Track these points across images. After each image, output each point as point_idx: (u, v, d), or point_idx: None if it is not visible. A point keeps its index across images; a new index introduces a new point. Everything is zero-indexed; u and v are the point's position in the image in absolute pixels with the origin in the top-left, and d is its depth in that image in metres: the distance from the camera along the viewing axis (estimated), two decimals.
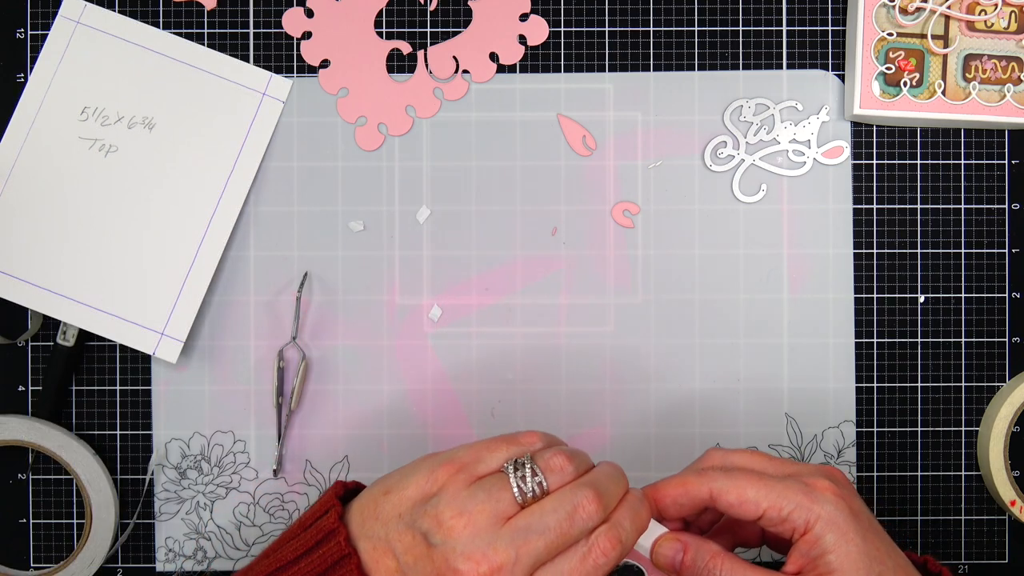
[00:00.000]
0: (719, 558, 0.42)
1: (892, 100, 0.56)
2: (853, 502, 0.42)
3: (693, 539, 0.43)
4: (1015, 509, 0.56)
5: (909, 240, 0.57)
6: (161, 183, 0.56)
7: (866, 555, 0.40)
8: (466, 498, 0.40)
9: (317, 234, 0.57)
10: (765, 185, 0.57)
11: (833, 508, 0.40)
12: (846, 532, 0.40)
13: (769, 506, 0.41)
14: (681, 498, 0.43)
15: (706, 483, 0.42)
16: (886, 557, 0.41)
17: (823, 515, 0.40)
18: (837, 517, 0.40)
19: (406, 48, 0.57)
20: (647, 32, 0.58)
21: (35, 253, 0.56)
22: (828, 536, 0.40)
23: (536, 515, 0.40)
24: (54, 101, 0.56)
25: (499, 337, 0.57)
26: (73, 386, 0.57)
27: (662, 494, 0.43)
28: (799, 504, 0.41)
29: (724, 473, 0.42)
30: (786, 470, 0.43)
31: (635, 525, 0.42)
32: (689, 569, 0.43)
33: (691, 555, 0.43)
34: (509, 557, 0.39)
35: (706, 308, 0.57)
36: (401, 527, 0.41)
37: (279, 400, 0.56)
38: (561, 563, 0.40)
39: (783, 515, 0.41)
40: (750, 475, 0.42)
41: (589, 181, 0.57)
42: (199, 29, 0.57)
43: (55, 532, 0.57)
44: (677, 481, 0.43)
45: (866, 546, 0.40)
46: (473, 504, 0.40)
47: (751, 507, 0.41)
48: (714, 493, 0.42)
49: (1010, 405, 0.56)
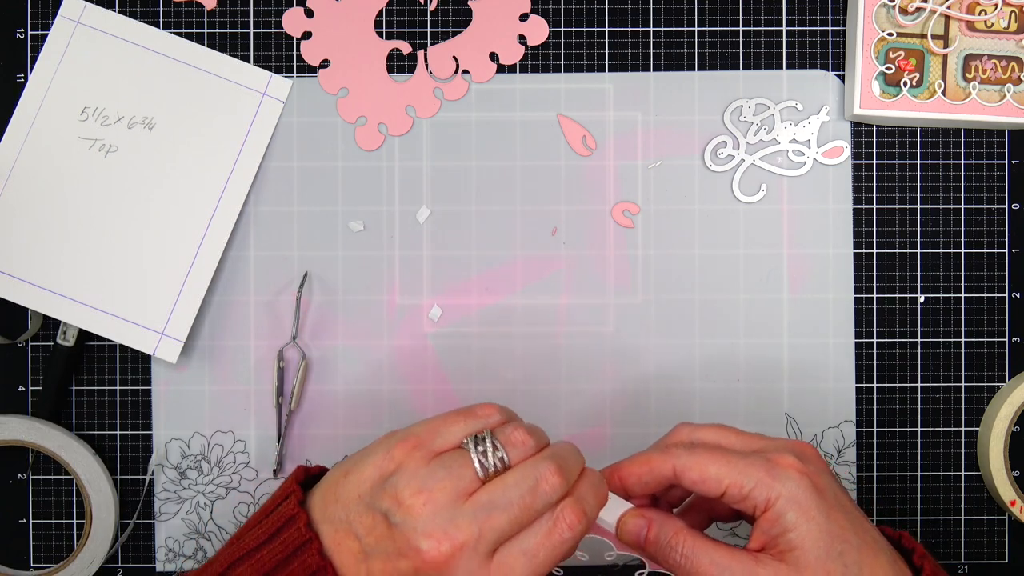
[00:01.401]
0: (682, 535, 0.42)
1: (892, 100, 0.56)
2: (819, 479, 0.41)
3: (658, 515, 0.43)
4: (1015, 509, 0.56)
5: (909, 240, 0.57)
6: (161, 183, 0.56)
7: (828, 533, 0.39)
8: (425, 476, 0.40)
9: (317, 234, 0.57)
10: (765, 185, 0.57)
11: (795, 485, 0.40)
12: (807, 510, 0.40)
13: (730, 483, 0.41)
14: (645, 476, 0.43)
15: (669, 460, 0.42)
16: (850, 535, 0.40)
17: (784, 493, 0.40)
18: (798, 495, 0.40)
19: (406, 48, 0.57)
20: (647, 32, 0.58)
21: (35, 253, 0.56)
22: (789, 514, 0.40)
23: (499, 490, 0.40)
24: (54, 101, 0.56)
25: (499, 337, 0.57)
26: (73, 386, 0.57)
27: (627, 472, 0.43)
28: (760, 481, 0.40)
29: (687, 450, 0.42)
30: (753, 445, 0.43)
31: (597, 499, 0.42)
32: (653, 545, 0.42)
33: (655, 531, 0.42)
34: (472, 534, 0.39)
35: (706, 308, 0.57)
36: (361, 508, 0.40)
37: (279, 400, 0.56)
38: (526, 538, 0.40)
39: (744, 493, 0.40)
40: (713, 452, 0.42)
41: (589, 181, 0.57)
42: (199, 29, 0.57)
43: (55, 532, 0.57)
44: (641, 459, 0.43)
45: (828, 524, 0.40)
46: (433, 481, 0.39)
47: (713, 484, 0.41)
48: (677, 470, 0.42)
49: (1010, 405, 0.56)
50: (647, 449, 0.44)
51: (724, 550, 0.41)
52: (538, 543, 0.40)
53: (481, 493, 0.40)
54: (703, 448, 0.42)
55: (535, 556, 0.40)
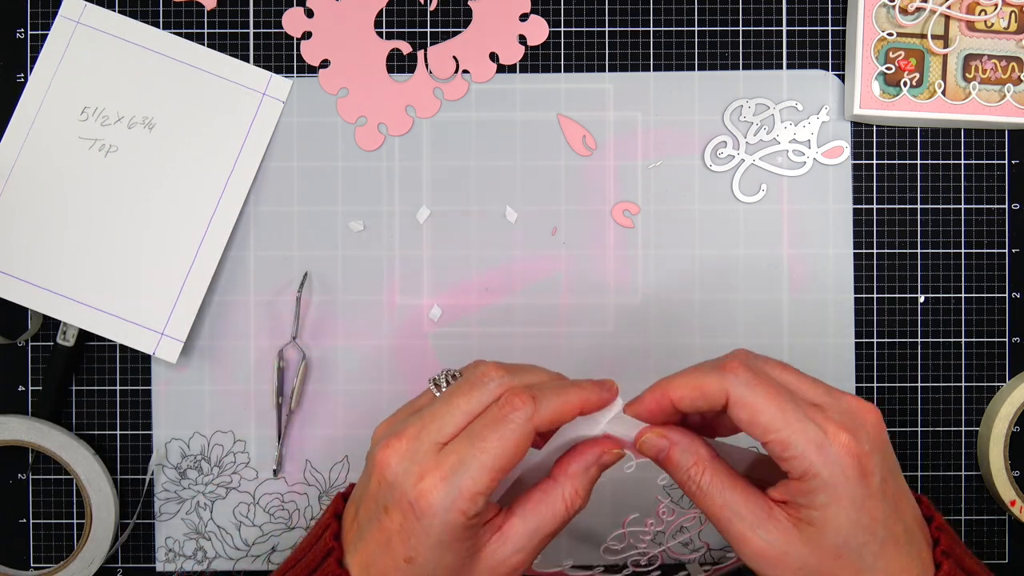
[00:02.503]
0: (701, 465, 0.40)
1: (892, 100, 0.56)
2: (869, 461, 0.38)
3: (682, 437, 0.40)
4: (1015, 509, 0.56)
5: (909, 240, 0.58)
6: (161, 183, 0.56)
7: (854, 524, 0.37)
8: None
9: (317, 234, 0.57)
10: (765, 185, 0.57)
11: (839, 471, 0.37)
12: (841, 498, 0.37)
13: (776, 439, 0.37)
14: (697, 400, 0.39)
15: (724, 388, 0.38)
16: (879, 528, 0.38)
17: (824, 474, 0.37)
18: (839, 481, 0.37)
19: (406, 48, 0.57)
20: (647, 32, 0.58)
21: (35, 253, 0.56)
22: (820, 496, 0.37)
23: (443, 393, 0.40)
24: (54, 101, 0.56)
25: (499, 337, 0.57)
26: (73, 386, 0.57)
27: (676, 392, 0.40)
28: (805, 453, 0.37)
29: (747, 382, 0.38)
30: (816, 398, 0.39)
31: (557, 395, 0.40)
32: (671, 467, 0.40)
33: (676, 455, 0.40)
34: (414, 429, 0.39)
35: (706, 308, 0.57)
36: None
37: (279, 400, 0.56)
38: (473, 425, 0.39)
39: (785, 454, 0.37)
40: (772, 394, 0.38)
41: (589, 181, 0.57)
42: (199, 29, 0.57)
43: (55, 532, 0.57)
44: (694, 381, 0.39)
45: (858, 515, 0.37)
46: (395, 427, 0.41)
47: (758, 431, 0.38)
48: (730, 401, 0.38)
49: (1010, 405, 0.56)
50: (701, 367, 0.40)
51: (741, 492, 0.39)
52: (484, 424, 0.38)
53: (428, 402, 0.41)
54: (764, 384, 0.38)
55: (480, 438, 0.38)
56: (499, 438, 0.38)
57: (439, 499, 0.38)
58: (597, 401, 0.41)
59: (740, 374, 0.38)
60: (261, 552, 0.57)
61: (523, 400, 0.39)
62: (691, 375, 0.39)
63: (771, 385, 0.38)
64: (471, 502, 0.38)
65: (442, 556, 0.38)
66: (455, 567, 0.39)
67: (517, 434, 0.38)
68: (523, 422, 0.38)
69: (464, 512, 0.38)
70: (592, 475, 0.41)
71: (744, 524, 0.39)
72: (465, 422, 0.39)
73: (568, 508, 0.40)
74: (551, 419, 0.39)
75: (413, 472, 0.38)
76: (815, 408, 0.38)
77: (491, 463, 0.38)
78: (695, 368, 0.40)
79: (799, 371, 0.40)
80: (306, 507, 0.57)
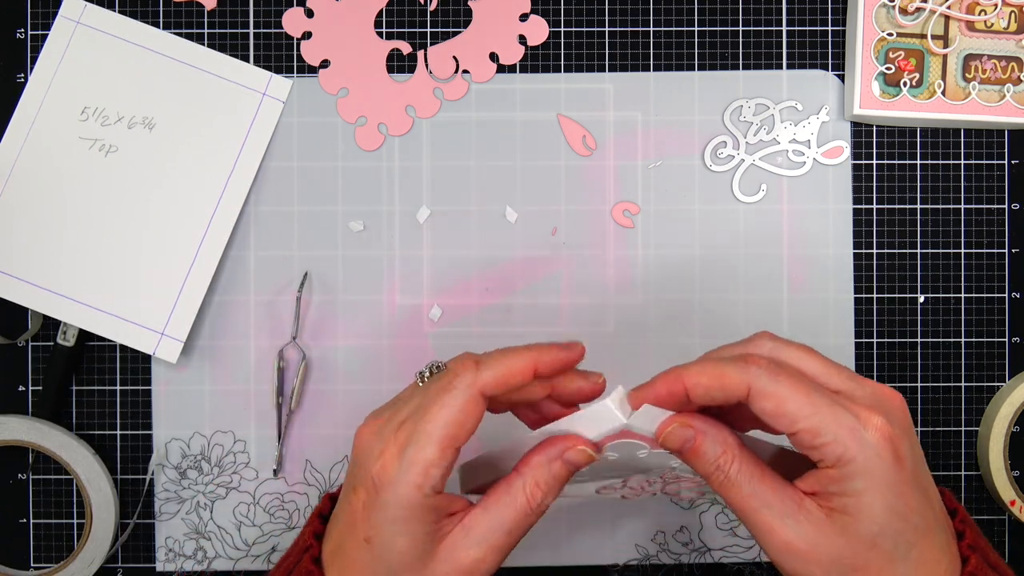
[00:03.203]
0: (730, 454, 0.38)
1: (892, 100, 0.56)
2: (902, 445, 0.36)
3: (708, 426, 0.38)
4: (1015, 509, 0.56)
5: (909, 240, 0.58)
6: (161, 183, 0.56)
7: (891, 510, 0.36)
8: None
9: (317, 234, 0.57)
10: (765, 185, 0.57)
11: (875, 453, 0.35)
12: (879, 484, 0.35)
13: (805, 428, 0.36)
14: (715, 391, 0.37)
15: (746, 380, 0.37)
16: (915, 516, 0.36)
17: (860, 458, 0.35)
18: (875, 465, 0.35)
19: (406, 48, 0.57)
20: (647, 32, 0.58)
21: (35, 253, 0.56)
22: (856, 482, 0.35)
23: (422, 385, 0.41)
24: (54, 101, 0.56)
25: (499, 337, 0.57)
26: (73, 386, 0.57)
27: (693, 381, 0.38)
28: (838, 438, 0.35)
29: (769, 373, 0.37)
30: (838, 383, 0.38)
31: (505, 357, 0.39)
32: (698, 458, 0.38)
33: (703, 444, 0.38)
34: (388, 414, 0.40)
35: (706, 308, 0.57)
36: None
37: (279, 400, 0.56)
38: (421, 398, 0.39)
39: (816, 443, 0.36)
40: (796, 383, 0.36)
41: (589, 181, 0.57)
42: (199, 29, 0.57)
43: (55, 532, 0.57)
44: (713, 371, 0.37)
45: (896, 501, 0.36)
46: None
47: (785, 422, 0.36)
48: (753, 393, 0.37)
49: (1010, 405, 0.56)
50: (720, 353, 0.39)
51: (770, 482, 0.37)
52: (428, 398, 0.38)
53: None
54: (787, 375, 0.37)
55: (424, 409, 0.38)
56: (441, 406, 0.38)
57: (394, 472, 0.38)
58: (551, 361, 0.40)
59: (763, 366, 0.37)
60: (261, 552, 0.57)
61: (464, 366, 0.38)
62: (711, 364, 0.38)
63: (794, 374, 0.37)
64: (423, 475, 0.37)
65: (397, 537, 0.38)
66: (412, 552, 0.38)
67: (459, 399, 0.38)
68: (464, 387, 0.38)
69: (418, 486, 0.37)
70: (556, 470, 0.39)
71: (772, 513, 0.37)
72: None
73: (529, 501, 0.39)
74: (496, 381, 0.38)
75: (376, 449, 0.39)
76: (840, 395, 0.37)
77: (436, 432, 0.38)
78: (714, 357, 0.39)
79: (822, 356, 0.39)
80: (306, 507, 0.57)
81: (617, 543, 0.57)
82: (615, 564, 0.57)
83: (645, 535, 0.57)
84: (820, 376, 0.38)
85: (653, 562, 0.57)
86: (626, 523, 0.57)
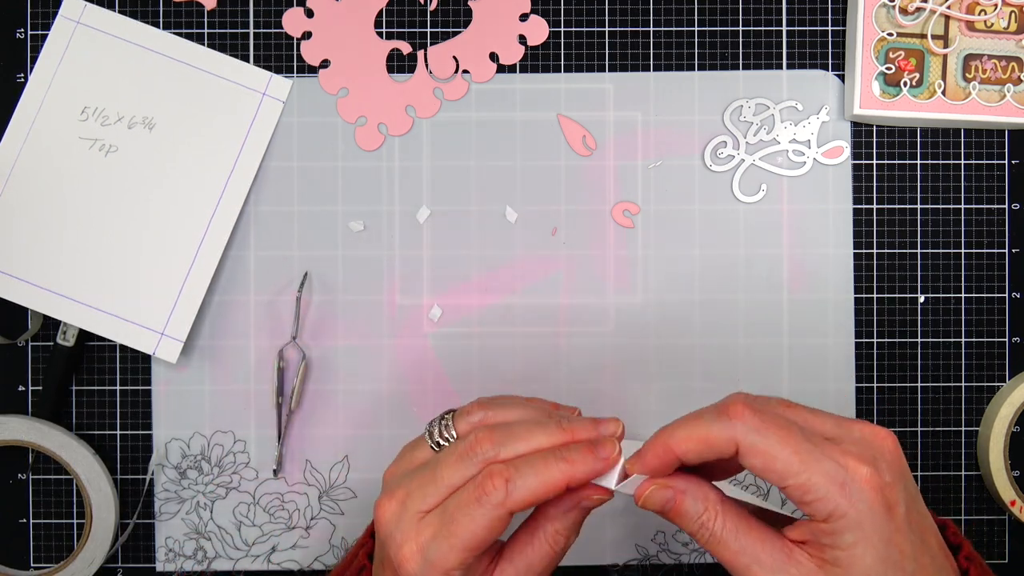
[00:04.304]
0: (712, 511, 0.38)
1: (892, 100, 0.56)
2: (892, 493, 0.36)
3: (687, 483, 0.38)
4: (1015, 509, 0.56)
5: (909, 240, 0.58)
6: (161, 183, 0.56)
7: (883, 561, 0.35)
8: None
9: (317, 234, 0.57)
10: (765, 185, 0.57)
11: (866, 507, 0.35)
12: (869, 536, 0.35)
13: (796, 484, 0.36)
14: (704, 451, 0.37)
15: (733, 438, 0.36)
16: (908, 562, 0.36)
17: (851, 514, 0.35)
18: (865, 518, 0.35)
19: (406, 48, 0.57)
20: (647, 32, 0.58)
21: (35, 253, 0.56)
22: (847, 536, 0.35)
23: (434, 460, 0.41)
24: (54, 101, 0.56)
25: (499, 337, 0.57)
26: (73, 386, 0.57)
27: (679, 444, 0.37)
28: (829, 494, 0.35)
29: (756, 430, 0.36)
30: (827, 430, 0.37)
31: (537, 475, 0.38)
32: (680, 518, 0.38)
33: (684, 504, 0.38)
34: (402, 494, 0.40)
35: (706, 308, 0.57)
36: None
37: (279, 400, 0.56)
38: (449, 501, 0.39)
39: (806, 499, 0.36)
40: (786, 435, 0.36)
41: (589, 181, 0.57)
42: (199, 29, 0.57)
43: (55, 532, 0.57)
44: (698, 432, 0.37)
45: (887, 551, 0.35)
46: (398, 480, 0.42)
47: (775, 477, 0.36)
48: (740, 450, 0.36)
49: (1010, 405, 0.56)
50: (702, 415, 0.38)
51: (757, 535, 0.37)
52: (460, 502, 0.38)
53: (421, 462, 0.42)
54: (775, 427, 0.36)
55: (452, 519, 0.38)
56: (470, 521, 0.38)
57: (415, 568, 0.39)
58: (584, 477, 0.39)
59: (747, 419, 0.36)
60: (261, 552, 0.57)
61: (496, 483, 0.38)
62: (694, 426, 0.37)
63: (781, 426, 0.36)
64: (444, 574, 0.38)
65: None
66: None
67: (487, 518, 0.38)
68: (494, 506, 0.38)
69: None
70: (573, 517, 0.40)
71: (763, 570, 0.36)
72: (447, 494, 0.40)
73: (552, 547, 0.40)
74: (527, 501, 0.38)
75: (396, 537, 0.39)
76: (829, 443, 0.37)
77: (460, 544, 0.38)
78: (696, 417, 0.38)
79: (803, 405, 0.39)
80: (306, 507, 0.57)
81: (617, 543, 0.57)
82: (615, 564, 0.57)
83: (645, 535, 0.57)
84: (808, 423, 0.38)
85: (653, 562, 0.57)
86: (626, 523, 0.57)
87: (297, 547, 0.57)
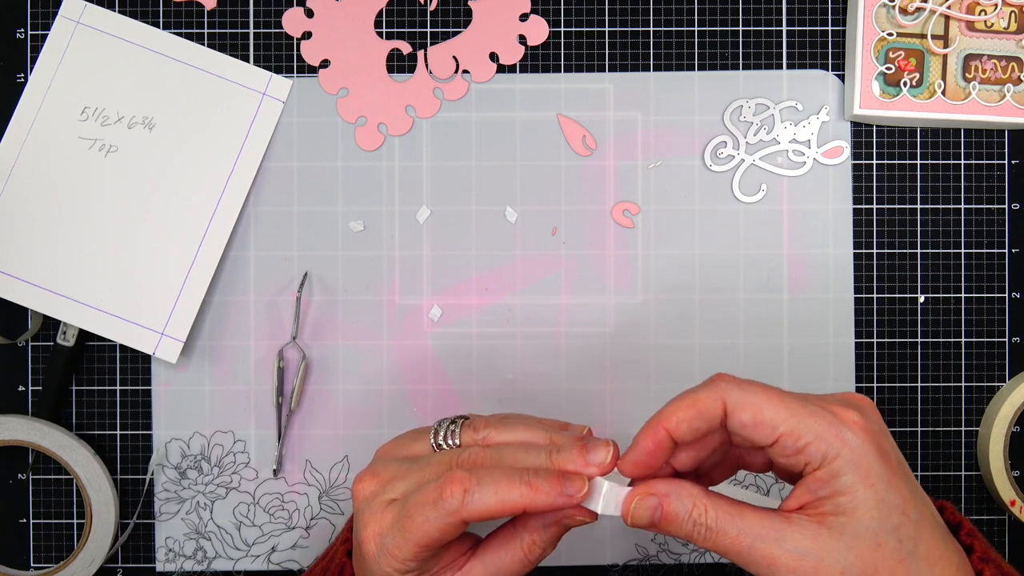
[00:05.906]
0: (701, 505, 0.37)
1: (892, 100, 0.56)
2: (882, 440, 0.36)
3: (669, 486, 0.38)
4: (1015, 509, 0.56)
5: (909, 240, 0.58)
6: (161, 183, 0.56)
7: (886, 503, 0.35)
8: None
9: (317, 234, 0.57)
10: (765, 185, 0.57)
11: (859, 445, 0.35)
12: (868, 475, 0.35)
13: (786, 432, 0.35)
14: (695, 420, 0.37)
15: (719, 397, 0.37)
16: (910, 507, 0.35)
17: (845, 452, 0.35)
18: (861, 456, 0.35)
19: (406, 48, 0.57)
20: (647, 32, 0.58)
21: (35, 253, 0.56)
22: (846, 476, 0.35)
23: (428, 459, 0.41)
24: (54, 101, 0.56)
25: (499, 337, 0.57)
26: (73, 386, 0.57)
27: (673, 419, 0.37)
28: (820, 435, 0.35)
29: (739, 386, 0.37)
30: (807, 398, 0.38)
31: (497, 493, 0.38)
32: (671, 523, 0.37)
33: (671, 507, 0.37)
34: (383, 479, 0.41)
35: (706, 308, 0.57)
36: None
37: (279, 400, 0.56)
38: (412, 494, 0.39)
39: (799, 445, 0.35)
40: (769, 392, 0.36)
41: (589, 181, 0.57)
42: (199, 29, 0.57)
43: (55, 532, 0.57)
44: (686, 401, 0.37)
45: (888, 493, 0.35)
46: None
47: (766, 430, 0.36)
48: (728, 408, 0.36)
49: (1010, 405, 0.56)
50: (687, 391, 0.38)
51: (751, 515, 0.36)
52: (415, 501, 0.39)
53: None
54: (757, 386, 0.37)
55: (408, 515, 0.39)
56: (424, 521, 0.38)
57: (373, 551, 0.40)
58: (544, 507, 0.38)
59: (731, 381, 0.37)
60: (261, 552, 0.57)
61: (455, 490, 0.38)
62: (681, 397, 0.38)
63: (765, 386, 0.37)
64: (400, 563, 0.39)
65: None
66: None
67: (441, 522, 0.38)
68: (448, 512, 0.38)
69: (395, 568, 0.39)
70: (553, 532, 0.40)
71: (767, 544, 0.36)
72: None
73: (526, 555, 0.40)
74: (482, 515, 0.38)
75: (364, 516, 0.40)
76: (813, 396, 0.38)
77: (412, 539, 0.39)
78: (682, 393, 0.38)
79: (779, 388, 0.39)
80: (306, 507, 0.57)
81: (617, 543, 0.57)
82: (615, 564, 0.57)
83: (645, 535, 0.57)
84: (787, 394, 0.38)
85: (653, 562, 0.57)
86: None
87: (297, 547, 0.57)
